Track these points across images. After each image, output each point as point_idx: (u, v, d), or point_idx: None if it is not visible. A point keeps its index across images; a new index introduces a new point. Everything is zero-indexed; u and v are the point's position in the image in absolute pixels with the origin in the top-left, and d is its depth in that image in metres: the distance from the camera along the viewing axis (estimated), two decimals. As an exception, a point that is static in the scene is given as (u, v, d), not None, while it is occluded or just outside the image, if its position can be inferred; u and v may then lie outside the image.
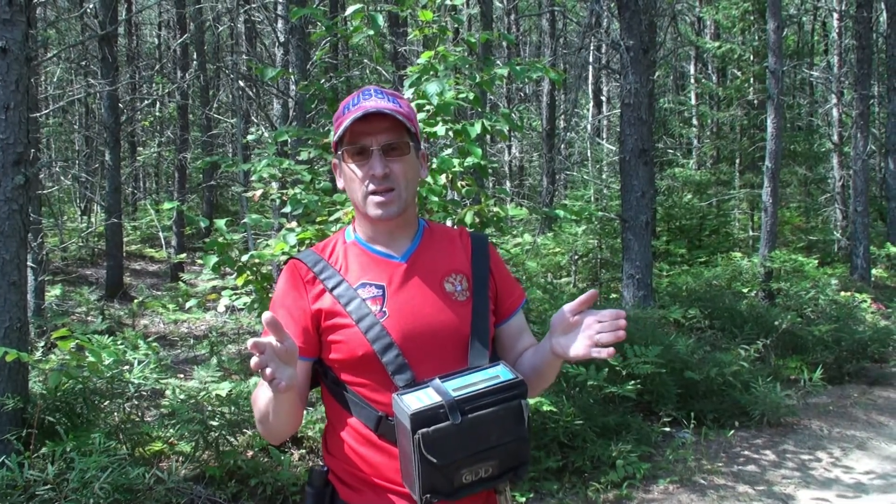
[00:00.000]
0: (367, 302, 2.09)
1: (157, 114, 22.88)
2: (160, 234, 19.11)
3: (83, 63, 18.72)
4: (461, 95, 5.63)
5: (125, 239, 17.73)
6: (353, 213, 5.44)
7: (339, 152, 2.16)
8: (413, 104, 5.61)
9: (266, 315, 1.76)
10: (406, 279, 2.15)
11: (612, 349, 2.00)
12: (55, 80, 19.55)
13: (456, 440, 1.89)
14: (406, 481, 1.98)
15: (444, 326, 2.12)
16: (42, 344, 7.66)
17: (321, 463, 2.25)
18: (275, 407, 1.97)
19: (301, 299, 2.14)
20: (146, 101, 20.42)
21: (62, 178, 18.43)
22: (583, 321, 2.06)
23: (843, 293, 11.25)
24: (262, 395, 2.01)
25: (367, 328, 2.05)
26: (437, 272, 2.19)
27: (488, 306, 2.21)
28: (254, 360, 1.73)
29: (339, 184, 2.23)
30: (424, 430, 1.87)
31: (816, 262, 12.08)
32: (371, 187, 2.11)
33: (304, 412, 2.23)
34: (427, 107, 5.56)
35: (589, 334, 2.03)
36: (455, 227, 2.72)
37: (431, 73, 5.79)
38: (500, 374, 2.01)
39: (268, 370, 1.74)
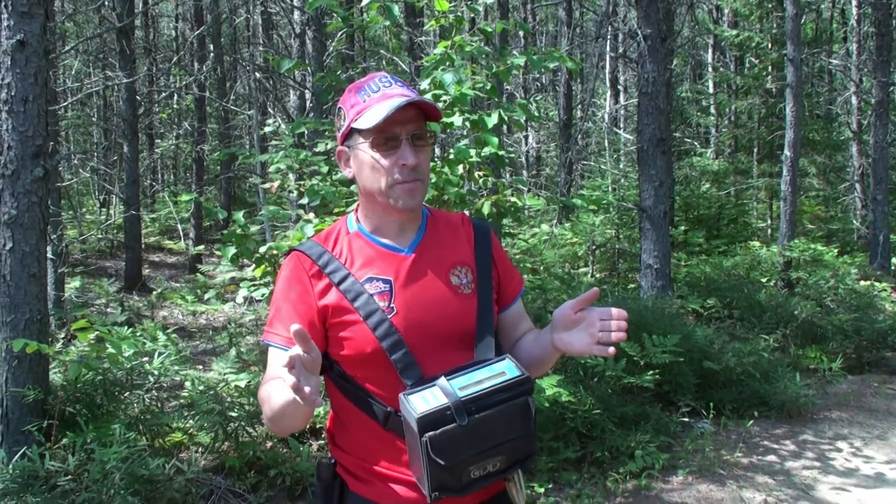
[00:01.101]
0: (375, 297, 2.06)
1: (175, 106, 22.96)
2: (178, 225, 19.19)
3: (101, 56, 18.80)
4: (478, 86, 5.62)
5: (143, 231, 17.79)
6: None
7: (357, 139, 2.11)
8: (430, 94, 5.61)
9: (295, 327, 1.72)
10: (413, 273, 2.12)
11: (612, 348, 2.00)
12: (73, 72, 19.60)
13: (463, 441, 1.89)
14: (415, 475, 1.99)
15: (451, 321, 2.11)
16: (62, 336, 7.70)
17: (329, 456, 2.24)
18: (296, 410, 1.93)
19: (306, 294, 2.10)
20: (164, 94, 20.50)
21: (81, 170, 18.47)
22: (586, 317, 2.04)
23: (862, 282, 11.18)
24: (276, 395, 1.96)
25: (376, 325, 2.03)
26: (444, 264, 2.17)
27: (492, 299, 2.20)
28: (290, 380, 1.68)
29: (347, 172, 2.19)
30: (431, 433, 1.86)
31: (836, 251, 12.02)
32: (399, 177, 2.07)
33: None
34: (444, 97, 5.55)
35: (591, 332, 2.02)
36: (471, 215, 2.69)
37: (448, 63, 5.78)
38: (506, 370, 2.00)
39: (307, 388, 1.71)
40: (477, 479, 1.94)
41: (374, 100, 2.07)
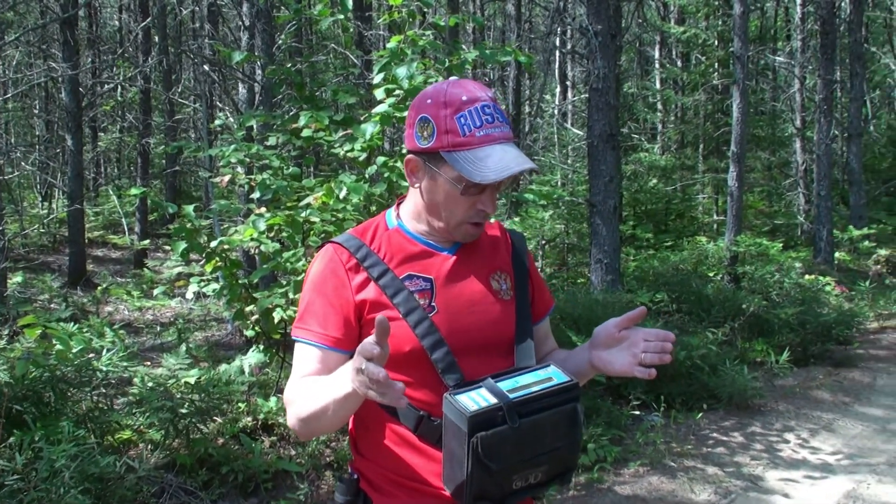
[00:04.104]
0: (415, 295, 1.99)
1: (119, 98, 22.61)
2: (123, 220, 18.93)
3: (43, 47, 18.46)
4: (430, 80, 5.60)
5: (87, 225, 17.50)
6: (325, 199, 5.39)
7: (441, 165, 1.96)
8: (383, 88, 5.59)
9: (381, 317, 1.64)
10: (454, 273, 2.05)
11: (654, 370, 1.93)
12: (14, 64, 19.25)
13: (512, 444, 1.80)
14: (448, 485, 1.88)
15: (492, 324, 2.04)
16: (5, 332, 7.56)
17: (349, 470, 2.13)
18: (346, 409, 1.83)
19: (343, 287, 2.00)
20: (108, 86, 20.17)
21: (23, 163, 18.17)
22: (629, 337, 1.99)
23: (807, 276, 11.39)
24: (321, 394, 1.85)
25: (416, 323, 1.95)
26: (484, 268, 2.10)
27: (530, 306, 2.15)
28: (380, 373, 1.58)
29: (413, 182, 2.05)
30: (483, 433, 1.76)
31: (781, 245, 12.21)
32: (475, 219, 2.00)
33: (274, 398, 2.15)
34: (397, 91, 5.53)
35: (634, 352, 1.96)
36: None
37: (401, 57, 5.76)
38: (552, 375, 1.92)
39: (399, 385, 1.61)
40: (517, 491, 1.86)
41: (478, 140, 1.92)
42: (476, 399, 1.81)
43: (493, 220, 2.28)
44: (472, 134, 1.92)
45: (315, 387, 1.90)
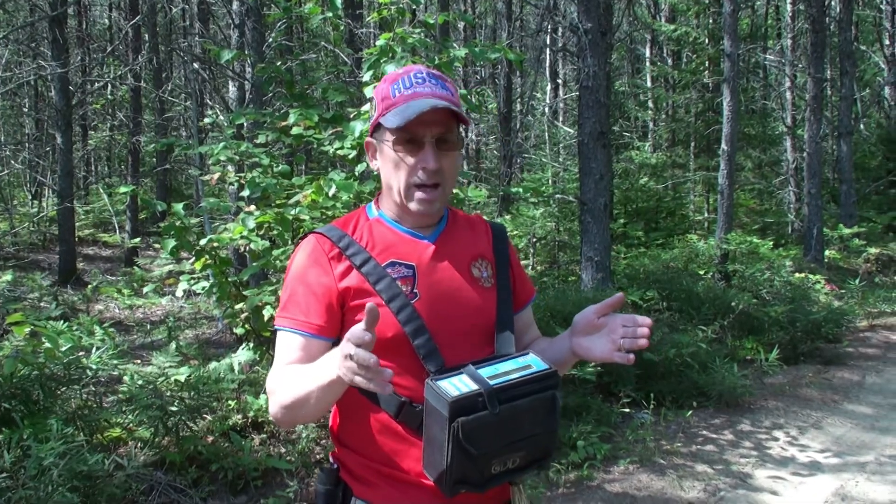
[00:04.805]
0: (397, 282, 2.01)
1: (109, 97, 22.56)
2: (113, 218, 18.89)
3: (33, 45, 18.40)
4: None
5: (77, 223, 17.48)
6: (314, 196, 5.39)
7: (384, 134, 2.06)
8: (372, 86, 5.59)
9: (371, 305, 1.65)
10: (436, 260, 2.08)
11: (632, 355, 1.98)
12: (3, 62, 19.17)
13: (492, 430, 1.82)
14: (429, 471, 1.90)
15: (473, 311, 2.07)
16: (-5, 330, 7.54)
17: (330, 461, 2.16)
18: (327, 395, 1.85)
19: (325, 275, 2.03)
20: (98, 84, 20.14)
21: (12, 161, 18.12)
22: (608, 323, 2.03)
23: (797, 274, 11.40)
24: (305, 382, 1.87)
25: (399, 309, 1.97)
26: (465, 256, 2.13)
27: (511, 295, 2.17)
28: (370, 359, 1.60)
29: (373, 164, 2.15)
30: (463, 418, 1.79)
31: (771, 243, 12.21)
32: (418, 180, 2.02)
33: (264, 396, 2.15)
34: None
35: (613, 338, 2.01)
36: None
37: (390, 55, 5.76)
38: (532, 363, 1.95)
39: (387, 371, 1.63)
40: (496, 476, 1.89)
41: (403, 97, 2.02)
42: (457, 385, 1.85)
43: (472, 214, 2.32)
44: (401, 94, 2.03)
45: (298, 375, 1.91)
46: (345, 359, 1.66)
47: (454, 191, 5.98)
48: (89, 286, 11.69)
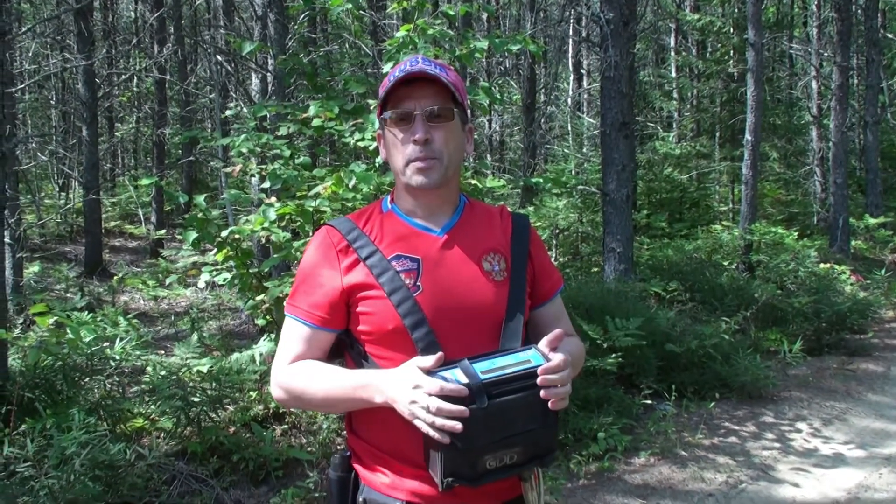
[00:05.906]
0: (401, 275, 2.04)
1: (135, 89, 22.69)
2: (139, 210, 19.00)
3: (59, 38, 18.51)
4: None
5: (104, 215, 17.57)
6: (335, 188, 5.40)
7: (382, 118, 2.12)
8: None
9: (438, 356, 1.83)
10: (443, 254, 2.10)
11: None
12: (30, 54, 19.32)
13: (481, 425, 1.82)
14: (427, 462, 1.93)
15: (478, 305, 2.07)
16: (20, 321, 7.62)
17: (344, 447, 2.20)
18: (353, 408, 2.01)
19: (332, 268, 2.08)
20: (123, 76, 20.24)
21: (39, 154, 18.25)
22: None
23: (822, 265, 11.31)
24: (336, 389, 2.00)
25: (399, 302, 2.00)
26: (476, 249, 2.13)
27: (525, 289, 2.16)
28: (451, 409, 1.78)
29: (382, 154, 2.19)
30: None
31: (796, 234, 12.11)
32: (411, 154, 2.05)
33: None
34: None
35: None
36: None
37: (410, 46, 5.76)
38: (531, 358, 1.93)
39: (459, 426, 1.77)
40: (492, 471, 1.89)
41: (396, 79, 2.06)
42: (448, 378, 1.85)
43: (496, 206, 2.33)
44: (395, 78, 2.07)
45: (329, 378, 2.01)
46: (413, 402, 1.81)
47: (473, 182, 5.99)
48: (115, 277, 11.77)
